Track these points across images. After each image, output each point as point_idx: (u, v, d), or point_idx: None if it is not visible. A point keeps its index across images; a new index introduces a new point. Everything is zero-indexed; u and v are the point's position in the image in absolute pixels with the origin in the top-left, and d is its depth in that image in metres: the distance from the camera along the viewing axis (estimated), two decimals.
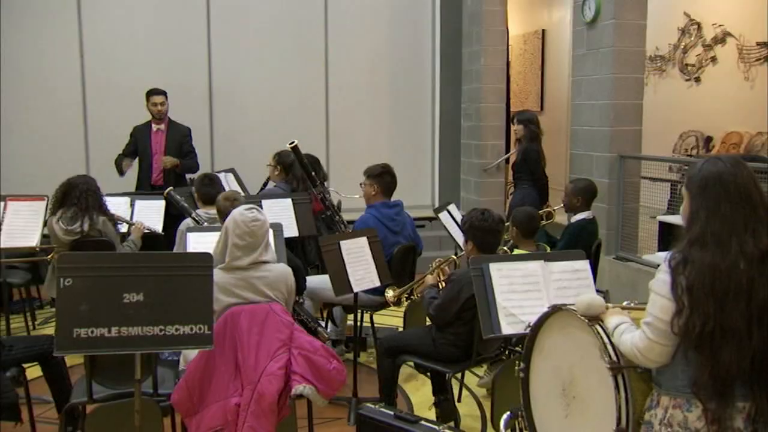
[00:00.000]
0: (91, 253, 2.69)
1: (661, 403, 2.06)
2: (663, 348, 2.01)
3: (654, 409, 2.08)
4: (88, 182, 4.70)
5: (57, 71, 7.22)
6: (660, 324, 2.00)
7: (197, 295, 2.51)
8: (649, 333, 2.03)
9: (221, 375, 2.92)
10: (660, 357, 2.02)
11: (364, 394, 4.02)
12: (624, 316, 2.20)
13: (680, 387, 2.01)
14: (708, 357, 1.93)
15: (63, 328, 2.41)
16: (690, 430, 1.98)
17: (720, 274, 1.94)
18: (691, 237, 2.01)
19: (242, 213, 3.02)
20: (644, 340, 2.03)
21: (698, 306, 1.93)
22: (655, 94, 8.32)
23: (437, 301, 3.46)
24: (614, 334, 2.16)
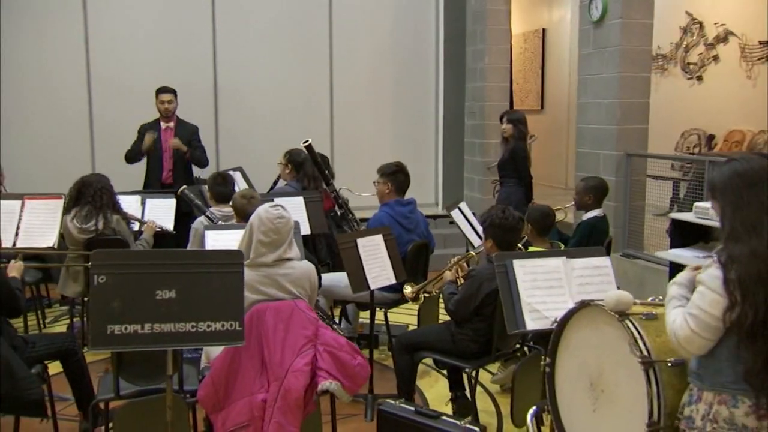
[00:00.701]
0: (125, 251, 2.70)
1: (704, 399, 2.07)
2: (703, 341, 2.03)
3: (695, 405, 2.10)
4: (101, 180, 4.71)
5: (62, 70, 7.23)
6: (706, 318, 2.02)
7: (228, 291, 2.54)
8: (692, 324, 2.04)
9: (247, 371, 2.94)
10: (698, 350, 2.05)
11: (379, 390, 4.06)
12: (685, 288, 2.18)
13: (726, 383, 2.03)
14: (761, 346, 1.95)
15: (97, 325, 2.43)
16: (736, 426, 2.00)
17: (763, 258, 1.97)
18: (726, 235, 2.05)
19: (267, 210, 3.04)
20: (685, 329, 2.05)
21: (749, 295, 1.95)
22: (656, 93, 8.35)
23: (457, 297, 3.49)
24: (668, 303, 2.17)
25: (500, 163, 6.13)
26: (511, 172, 5.98)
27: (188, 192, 4.67)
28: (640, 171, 5.85)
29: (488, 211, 3.55)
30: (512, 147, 5.94)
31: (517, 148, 5.94)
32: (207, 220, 4.54)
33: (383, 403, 3.34)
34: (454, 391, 3.88)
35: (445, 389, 4.35)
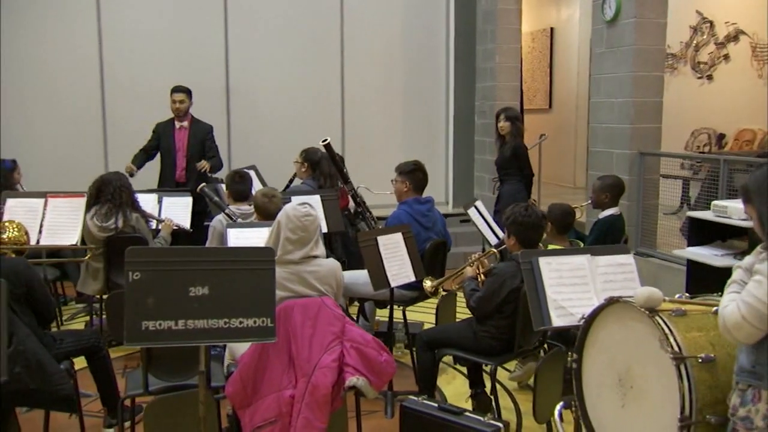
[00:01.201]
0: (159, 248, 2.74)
1: (764, 398, 2.04)
2: (753, 330, 2.01)
3: (752, 405, 2.06)
4: (121, 179, 4.74)
5: (76, 70, 7.27)
6: (760, 306, 1.98)
7: (260, 288, 2.56)
8: (744, 311, 2.01)
9: (275, 368, 2.97)
10: (746, 338, 2.03)
11: (397, 388, 4.08)
12: (747, 274, 2.13)
13: None
14: None
15: (132, 321, 2.46)
16: None
17: None
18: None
19: (295, 208, 3.08)
20: (736, 315, 2.02)
21: None
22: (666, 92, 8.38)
23: (479, 294, 3.52)
24: (727, 286, 2.16)
25: (501, 161, 6.16)
26: (514, 170, 6.03)
27: (207, 190, 4.70)
28: (653, 170, 5.88)
29: (511, 208, 3.58)
30: (514, 145, 5.98)
31: (519, 145, 6.00)
32: (226, 218, 4.56)
33: (406, 399, 3.37)
34: (473, 387, 3.92)
35: (463, 386, 4.39)
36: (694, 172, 7.84)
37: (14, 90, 7.07)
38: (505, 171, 6.09)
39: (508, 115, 6.06)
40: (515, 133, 6.00)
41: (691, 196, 7.85)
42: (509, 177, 6.06)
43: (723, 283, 2.23)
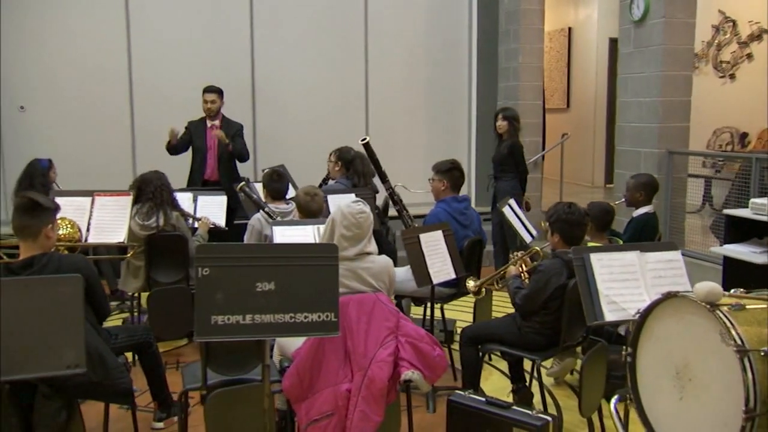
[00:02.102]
0: (226, 244, 2.78)
1: None
2: None
3: None
4: (161, 178, 4.80)
5: (104, 70, 7.34)
6: None
7: (324, 283, 2.62)
8: None
9: (331, 362, 3.03)
10: None
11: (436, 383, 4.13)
12: None
13: None
14: None
15: (201, 316, 2.52)
16: None
17: None
18: None
19: (349, 205, 3.14)
20: None
21: None
22: None
23: (524, 291, 3.57)
24: None
25: (498, 158, 6.36)
26: (510, 167, 6.27)
27: (247, 188, 4.77)
28: (680, 168, 5.92)
29: (554, 206, 3.63)
30: (511, 143, 6.21)
31: (516, 143, 6.24)
32: (265, 216, 4.63)
33: (453, 394, 3.44)
34: (515, 383, 3.98)
35: (501, 382, 4.46)
36: (716, 170, 7.89)
37: (43, 91, 7.17)
38: (502, 168, 6.33)
39: (506, 115, 6.29)
40: (512, 132, 6.25)
41: (713, 194, 7.90)
42: (505, 174, 6.29)
43: (761, 279, 2.29)
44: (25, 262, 3.02)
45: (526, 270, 3.77)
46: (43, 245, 3.07)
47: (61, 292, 2.44)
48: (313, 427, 3.01)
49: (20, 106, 7.10)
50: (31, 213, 3.03)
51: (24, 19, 7.04)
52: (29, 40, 7.07)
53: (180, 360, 4.63)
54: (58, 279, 2.49)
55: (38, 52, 7.10)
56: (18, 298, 2.40)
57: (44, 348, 2.38)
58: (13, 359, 2.36)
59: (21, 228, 3.04)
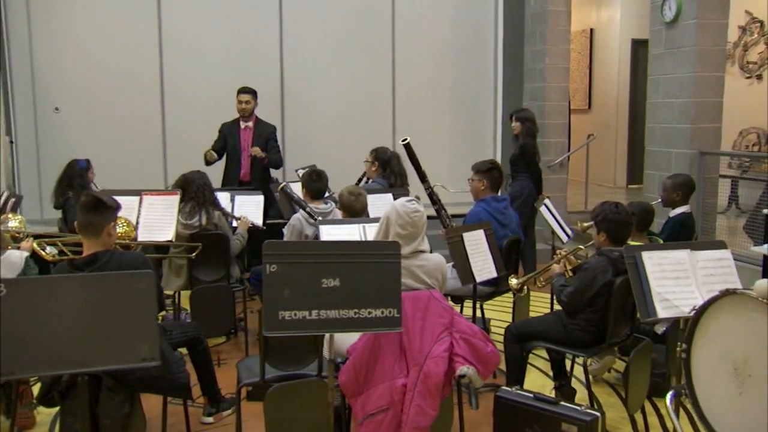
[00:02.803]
0: (293, 242, 2.87)
1: None
2: None
3: None
4: (202, 177, 4.88)
5: (137, 72, 7.44)
6: None
7: (387, 280, 2.70)
8: None
9: (386, 357, 3.09)
10: None
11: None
12: None
13: None
14: None
15: (269, 311, 2.60)
16: None
17: None
18: None
19: (404, 204, 3.20)
20: None
21: None
22: None
23: (570, 289, 3.62)
24: None
25: (512, 159, 6.53)
26: (522, 167, 6.45)
27: (288, 188, 4.84)
28: (712, 169, 5.96)
29: (600, 206, 3.68)
30: (522, 144, 6.38)
31: (527, 144, 6.38)
32: (305, 216, 4.69)
33: (499, 390, 3.50)
34: (558, 379, 4.02)
35: (539, 379, 4.51)
36: (743, 171, 7.91)
37: (77, 92, 7.27)
38: (515, 168, 6.51)
39: (519, 117, 6.47)
40: (525, 133, 6.40)
41: (739, 195, 7.92)
42: (519, 174, 6.47)
43: None
44: (88, 259, 3.10)
45: (570, 268, 3.82)
46: (105, 242, 3.15)
47: (134, 287, 2.51)
48: (370, 421, 3.07)
49: (55, 107, 7.20)
50: (95, 211, 3.11)
51: (57, 21, 7.16)
52: (63, 42, 7.18)
53: (220, 357, 4.70)
54: (131, 275, 2.56)
55: (72, 54, 7.21)
56: (93, 292, 2.47)
57: (120, 341, 2.45)
58: (91, 352, 2.43)
59: (85, 225, 3.12)
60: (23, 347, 2.39)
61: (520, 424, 3.41)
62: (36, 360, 2.41)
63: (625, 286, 3.49)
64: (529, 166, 6.43)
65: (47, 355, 2.41)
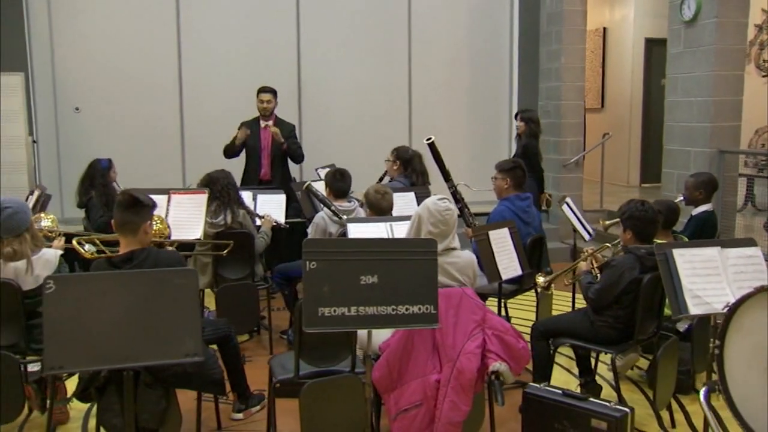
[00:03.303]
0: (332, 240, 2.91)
1: None
2: None
3: None
4: (227, 176, 4.92)
5: (155, 72, 7.51)
6: None
7: (424, 277, 2.73)
8: None
9: (420, 354, 3.13)
10: None
11: None
12: None
13: None
14: None
15: (309, 308, 2.63)
16: None
17: None
18: None
19: (435, 203, 3.24)
20: None
21: None
22: None
23: (597, 286, 3.66)
24: None
25: (514, 158, 6.42)
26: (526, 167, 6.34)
27: (313, 187, 4.88)
28: (731, 168, 5.97)
29: (626, 204, 3.72)
30: (525, 143, 6.45)
31: (529, 144, 6.45)
32: (329, 214, 4.73)
33: (527, 386, 3.53)
34: (583, 376, 4.06)
35: (563, 376, 4.54)
36: (759, 169, 7.92)
37: (97, 92, 7.33)
38: None
39: (524, 117, 6.55)
40: (529, 134, 6.47)
41: (755, 193, 7.93)
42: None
43: None
44: (125, 257, 3.15)
45: (597, 266, 3.85)
46: (142, 240, 3.20)
47: (177, 283, 2.55)
48: (403, 417, 3.12)
49: (75, 107, 7.26)
50: (132, 209, 3.16)
51: (78, 23, 7.23)
52: (83, 43, 7.26)
53: (245, 355, 4.74)
54: (174, 271, 2.60)
55: (92, 55, 7.28)
56: (138, 289, 2.52)
57: (164, 337, 2.49)
58: (136, 347, 2.48)
59: (122, 223, 3.16)
60: (70, 342, 2.44)
61: (549, 420, 3.45)
62: (82, 355, 2.45)
63: (652, 283, 3.53)
64: (531, 167, 6.28)
65: (93, 350, 2.46)
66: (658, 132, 10.55)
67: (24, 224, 3.52)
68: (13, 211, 3.48)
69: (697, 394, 4.14)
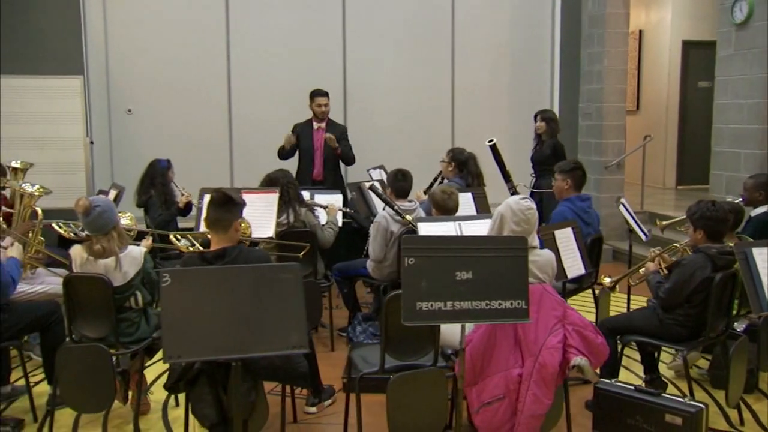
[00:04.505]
0: (430, 236, 3.01)
1: None
2: None
3: None
4: (287, 176, 5.04)
5: (205, 75, 7.63)
6: None
7: (515, 273, 2.83)
8: None
9: (502, 348, 3.23)
10: None
11: None
12: None
13: None
14: None
15: (408, 302, 2.74)
16: None
17: None
18: None
19: (518, 202, 3.33)
20: None
21: None
22: None
23: (668, 285, 3.73)
24: None
25: (540, 158, 6.59)
26: (551, 166, 6.40)
27: (377, 187, 4.99)
28: None
29: (696, 204, 3.79)
30: (554, 143, 6.50)
31: (557, 143, 6.53)
32: (391, 214, 4.83)
33: (599, 382, 3.61)
34: (648, 373, 4.13)
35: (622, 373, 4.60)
36: None
37: (149, 94, 7.48)
38: (543, 167, 6.52)
39: (544, 117, 6.61)
40: (551, 133, 6.53)
41: None
42: (545, 173, 6.43)
43: None
44: (217, 253, 3.27)
45: (665, 266, 3.92)
46: (232, 237, 3.32)
47: (283, 278, 2.66)
48: (486, 409, 3.21)
49: (128, 109, 7.43)
50: (225, 207, 3.28)
51: (131, 28, 7.38)
52: (136, 46, 7.40)
53: None
54: (280, 267, 2.72)
55: (144, 57, 7.43)
56: (246, 283, 2.63)
57: (272, 329, 2.61)
58: (246, 339, 2.59)
59: (215, 221, 3.29)
60: (186, 333, 2.56)
61: (622, 416, 3.52)
62: (197, 345, 2.57)
63: (723, 282, 3.59)
64: None
65: (207, 340, 2.58)
66: (695, 134, 10.62)
67: (111, 223, 3.66)
68: (102, 210, 3.62)
69: (761, 392, 4.21)
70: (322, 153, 6.49)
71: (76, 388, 3.55)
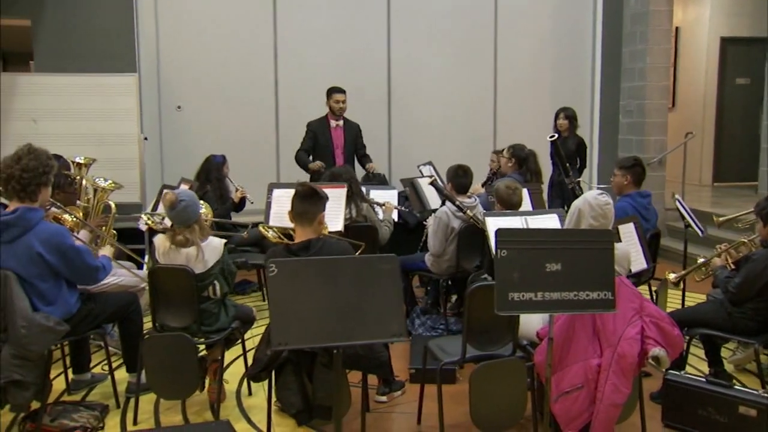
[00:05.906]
0: (522, 229, 3.09)
1: None
2: None
3: None
4: (348, 171, 5.15)
5: (252, 73, 7.78)
6: None
7: (602, 265, 2.91)
8: None
9: (580, 339, 3.31)
10: None
11: None
12: None
13: None
14: None
15: (501, 292, 2.83)
16: None
17: None
18: None
19: (596, 197, 3.42)
20: None
21: None
22: None
23: (738, 280, 3.79)
24: None
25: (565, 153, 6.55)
26: (574, 162, 6.60)
27: (439, 183, 5.08)
28: None
29: (765, 200, 3.85)
30: (578, 140, 6.68)
31: (582, 141, 6.73)
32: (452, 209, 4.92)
33: (668, 373, 3.69)
34: (713, 366, 4.19)
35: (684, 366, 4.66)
36: None
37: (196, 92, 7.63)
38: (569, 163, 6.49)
39: (567, 114, 6.74)
40: (572, 130, 6.68)
41: None
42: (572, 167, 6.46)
43: None
44: (302, 245, 3.39)
45: (732, 261, 3.98)
46: (316, 230, 3.43)
47: (383, 269, 2.76)
48: (564, 398, 3.30)
49: (177, 105, 7.57)
50: (310, 200, 3.40)
51: (181, 27, 7.53)
52: (186, 45, 7.56)
53: None
54: (379, 258, 2.81)
55: (194, 57, 7.58)
56: (348, 273, 2.73)
57: (374, 318, 2.70)
58: (349, 327, 2.69)
59: (300, 213, 3.40)
60: (292, 321, 2.66)
61: (693, 407, 3.61)
62: (302, 333, 2.68)
63: None
64: (582, 161, 6.71)
65: (311, 328, 2.68)
66: (733, 131, 10.61)
67: (194, 216, 3.78)
68: (186, 204, 3.75)
69: None
70: (343, 150, 6.59)
71: (161, 375, 3.68)
